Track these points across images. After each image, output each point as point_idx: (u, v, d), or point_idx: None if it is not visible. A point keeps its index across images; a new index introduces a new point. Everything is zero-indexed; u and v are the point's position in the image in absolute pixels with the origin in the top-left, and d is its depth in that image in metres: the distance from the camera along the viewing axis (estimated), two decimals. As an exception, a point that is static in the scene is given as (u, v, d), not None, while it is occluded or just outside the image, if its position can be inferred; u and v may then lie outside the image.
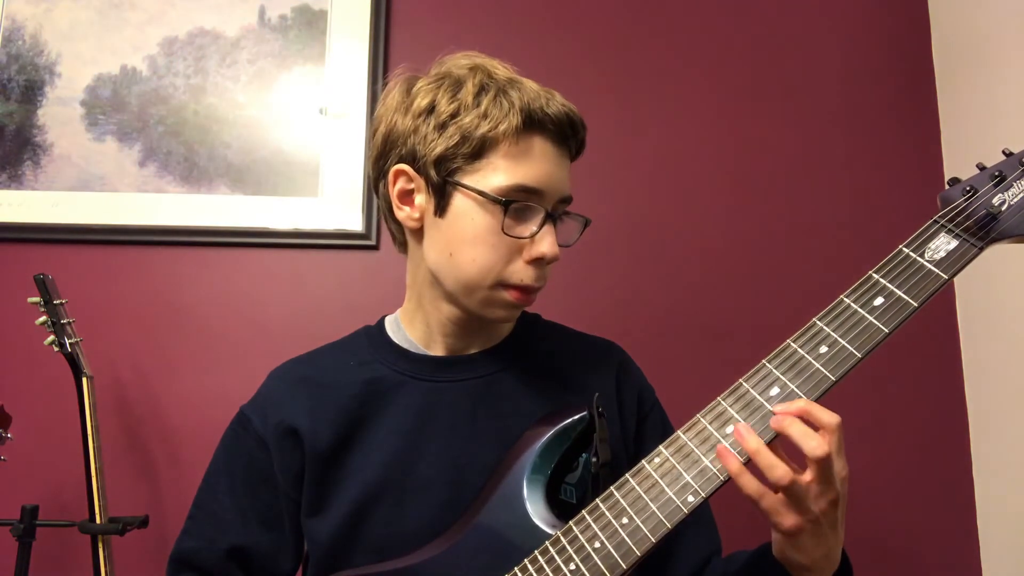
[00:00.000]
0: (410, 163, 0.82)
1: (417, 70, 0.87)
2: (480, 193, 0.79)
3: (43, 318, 1.28)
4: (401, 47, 1.59)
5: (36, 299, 1.28)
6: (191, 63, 1.57)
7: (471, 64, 0.83)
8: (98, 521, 1.24)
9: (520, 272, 0.81)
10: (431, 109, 0.81)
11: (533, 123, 0.80)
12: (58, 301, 1.29)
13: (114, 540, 1.29)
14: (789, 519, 0.65)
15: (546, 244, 0.80)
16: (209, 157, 1.54)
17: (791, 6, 1.62)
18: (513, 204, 0.79)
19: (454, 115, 0.79)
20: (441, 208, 0.82)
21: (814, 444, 0.62)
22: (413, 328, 0.92)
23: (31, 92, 1.55)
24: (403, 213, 0.85)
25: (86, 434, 1.25)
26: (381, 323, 0.96)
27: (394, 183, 0.84)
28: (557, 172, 0.82)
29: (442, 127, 0.80)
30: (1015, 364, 1.33)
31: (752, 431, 0.65)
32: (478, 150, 0.79)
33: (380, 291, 1.49)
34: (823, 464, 0.63)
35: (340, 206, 1.52)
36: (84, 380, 1.27)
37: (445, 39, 1.51)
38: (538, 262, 0.81)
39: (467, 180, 0.80)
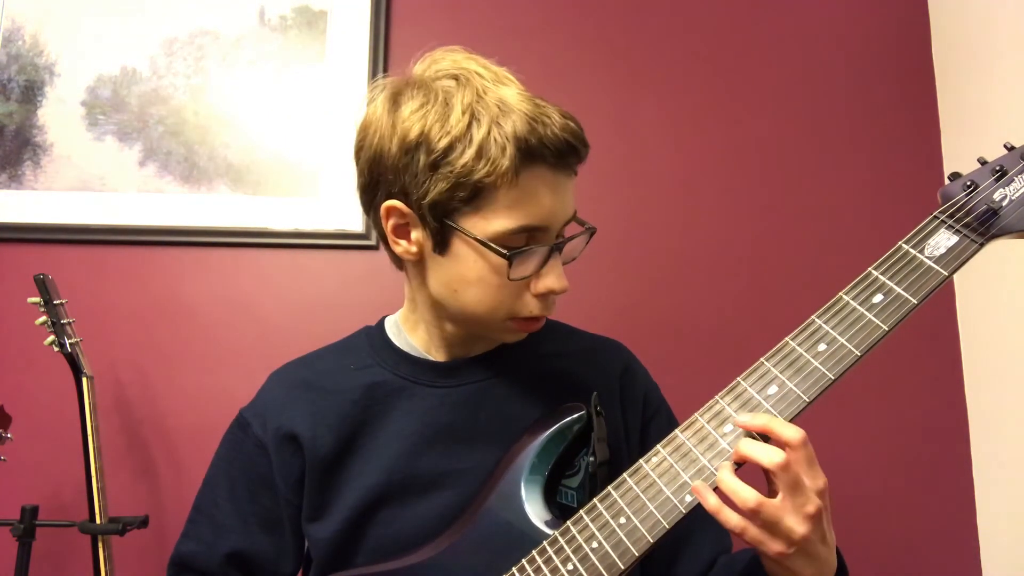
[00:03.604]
0: (402, 199, 0.77)
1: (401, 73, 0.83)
2: (481, 242, 0.75)
3: (43, 318, 1.28)
4: (401, 47, 1.59)
5: (36, 299, 1.28)
6: (191, 63, 1.58)
7: (455, 73, 0.77)
8: (98, 521, 1.23)
9: (529, 305, 0.79)
10: (420, 142, 0.74)
11: (532, 156, 0.73)
12: (58, 301, 1.29)
13: (114, 540, 1.29)
14: (774, 546, 0.63)
15: (552, 279, 0.78)
16: (209, 157, 1.54)
17: (791, 6, 1.62)
18: (516, 255, 0.74)
19: (446, 153, 0.73)
20: (441, 247, 0.78)
21: (769, 454, 0.62)
22: (415, 334, 0.91)
23: (31, 92, 1.55)
24: (400, 247, 0.81)
25: (86, 434, 1.25)
26: (381, 324, 0.95)
27: (387, 219, 0.79)
28: (560, 201, 0.77)
29: (434, 167, 0.73)
30: (1015, 364, 1.33)
31: (726, 466, 0.65)
32: (475, 194, 0.74)
33: (380, 291, 1.49)
34: (785, 475, 0.61)
35: (340, 206, 1.52)
36: (84, 380, 1.27)
37: (445, 39, 1.51)
38: (546, 295, 0.79)
39: (466, 224, 0.75)
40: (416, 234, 0.79)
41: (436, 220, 0.76)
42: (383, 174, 0.78)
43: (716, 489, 0.65)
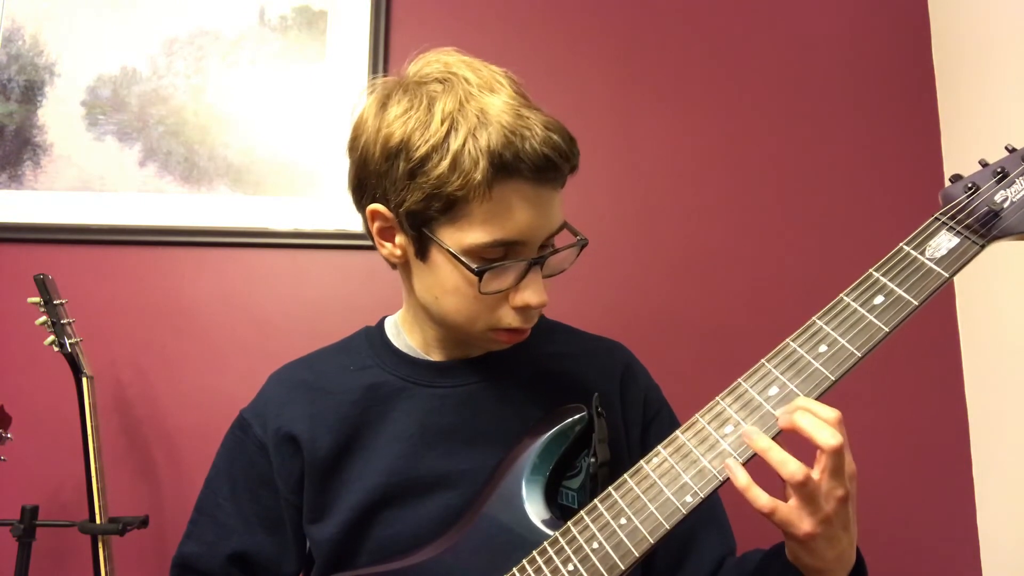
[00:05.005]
0: (384, 204, 0.78)
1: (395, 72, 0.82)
2: (453, 255, 0.75)
3: (43, 318, 1.28)
4: (401, 47, 1.59)
5: (36, 299, 1.28)
6: (191, 63, 1.57)
7: (443, 77, 0.76)
8: (98, 521, 1.23)
9: (508, 317, 0.79)
10: (401, 149, 0.74)
11: (507, 170, 0.72)
12: (58, 301, 1.29)
13: (114, 540, 1.29)
14: (804, 525, 0.63)
15: (529, 293, 0.77)
16: (209, 157, 1.54)
17: (791, 6, 1.62)
18: (487, 271, 0.74)
19: (423, 162, 0.72)
20: (421, 254, 0.78)
21: (828, 434, 0.61)
22: (412, 334, 0.91)
23: (31, 92, 1.55)
24: (385, 250, 0.82)
25: (86, 434, 1.25)
26: (381, 325, 0.95)
27: (372, 221, 0.80)
28: (539, 216, 0.75)
29: (412, 176, 0.73)
30: (1015, 364, 1.33)
31: (761, 433, 0.64)
32: (450, 206, 0.73)
33: (380, 291, 1.49)
34: (836, 457, 0.61)
35: (340, 206, 1.52)
36: (84, 380, 1.27)
37: (445, 39, 1.50)
38: (524, 309, 0.78)
39: (442, 234, 0.75)
40: (400, 238, 0.80)
41: (414, 228, 0.76)
42: (367, 177, 0.78)
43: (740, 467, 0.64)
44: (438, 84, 0.76)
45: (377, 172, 0.77)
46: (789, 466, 0.62)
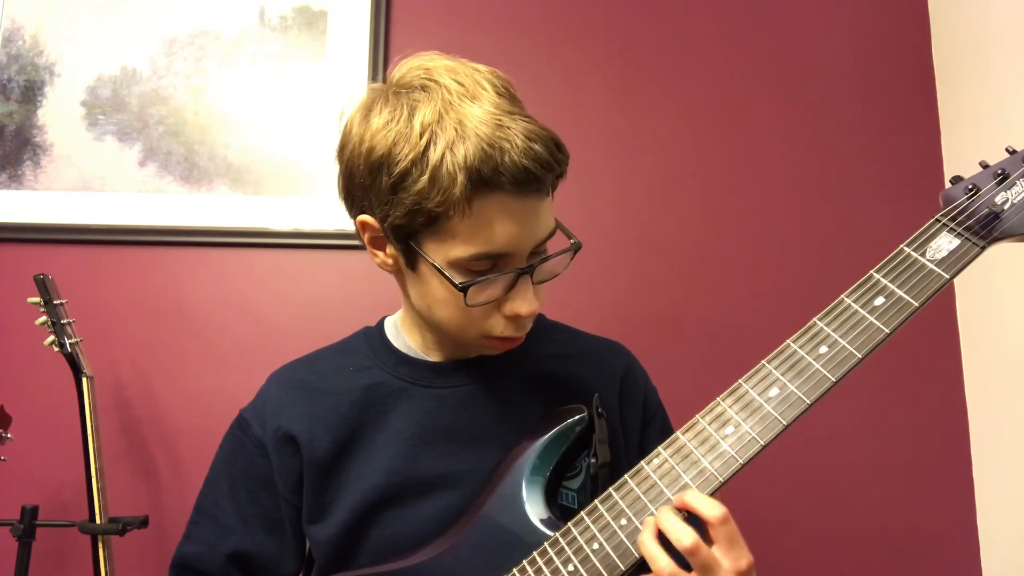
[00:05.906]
0: (372, 215, 0.78)
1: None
2: (438, 270, 0.74)
3: (43, 318, 1.28)
4: (401, 47, 1.59)
5: (36, 299, 1.28)
6: (191, 63, 1.57)
7: (424, 84, 0.75)
8: (98, 521, 1.23)
9: (500, 326, 0.79)
10: (383, 163, 0.73)
11: (487, 185, 0.70)
12: (58, 301, 1.29)
13: (114, 540, 1.29)
14: None
15: (519, 303, 0.76)
16: (209, 157, 1.54)
17: (791, 7, 1.62)
18: (472, 286, 0.73)
19: (404, 177, 0.71)
20: (410, 264, 0.78)
21: (678, 535, 0.62)
22: (412, 335, 0.91)
23: (31, 92, 1.55)
24: (378, 259, 0.82)
25: (86, 434, 1.25)
26: (381, 325, 0.95)
27: (362, 231, 0.81)
28: (523, 228, 0.74)
29: (394, 190, 0.72)
30: (1015, 364, 1.33)
31: (647, 531, 0.65)
32: (432, 220, 0.72)
33: (380, 291, 1.48)
34: (694, 558, 0.62)
35: (340, 206, 1.50)
36: (84, 380, 1.27)
37: (445, 39, 1.51)
38: (515, 318, 0.78)
39: (427, 248, 0.75)
40: (390, 248, 0.80)
41: (400, 241, 0.76)
42: (354, 189, 0.79)
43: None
44: (419, 92, 0.74)
45: (362, 185, 0.76)
46: (657, 562, 0.63)
